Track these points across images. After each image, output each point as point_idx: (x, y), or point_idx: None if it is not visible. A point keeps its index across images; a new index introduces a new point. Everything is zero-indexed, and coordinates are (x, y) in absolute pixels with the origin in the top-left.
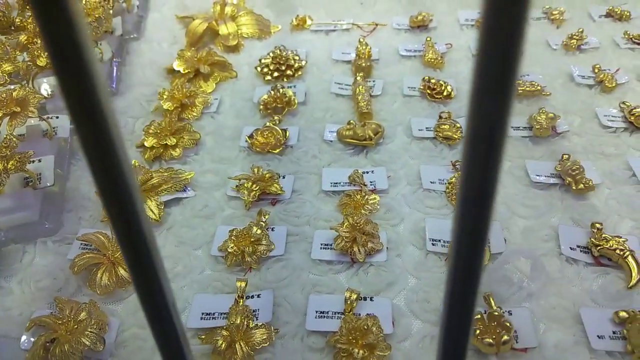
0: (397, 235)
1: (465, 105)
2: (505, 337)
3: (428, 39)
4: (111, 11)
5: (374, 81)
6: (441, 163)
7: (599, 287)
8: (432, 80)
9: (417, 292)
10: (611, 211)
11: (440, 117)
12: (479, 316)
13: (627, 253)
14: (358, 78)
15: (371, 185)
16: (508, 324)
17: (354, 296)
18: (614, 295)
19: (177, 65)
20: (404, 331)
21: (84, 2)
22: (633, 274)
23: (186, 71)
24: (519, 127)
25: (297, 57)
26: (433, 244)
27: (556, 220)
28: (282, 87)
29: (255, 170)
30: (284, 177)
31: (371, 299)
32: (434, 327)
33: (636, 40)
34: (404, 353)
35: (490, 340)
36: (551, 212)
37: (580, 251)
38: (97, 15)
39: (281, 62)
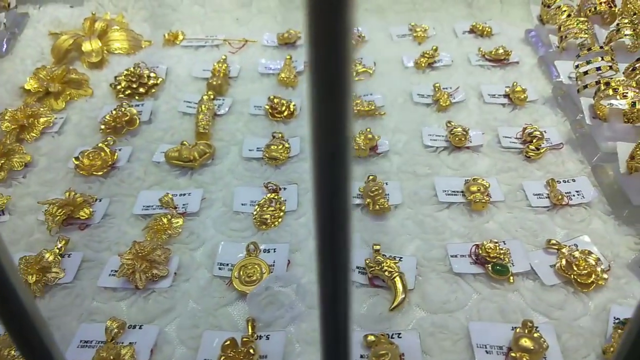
0: (192, 260)
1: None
2: None
3: (288, 57)
4: None
5: (223, 99)
6: (259, 184)
7: (367, 309)
8: (275, 100)
9: (192, 318)
10: (403, 232)
11: (273, 137)
12: (228, 342)
13: (396, 274)
14: (204, 97)
15: (182, 208)
16: (252, 350)
17: (115, 325)
18: (376, 317)
19: (27, 85)
20: (163, 359)
21: None
22: (397, 296)
23: (36, 90)
24: None
25: (153, 74)
26: (220, 268)
27: None
28: (129, 105)
29: (67, 194)
30: (100, 201)
31: (140, 327)
32: (194, 352)
33: (488, 57)
34: None
35: None
36: None
37: (359, 272)
38: None
39: (134, 79)
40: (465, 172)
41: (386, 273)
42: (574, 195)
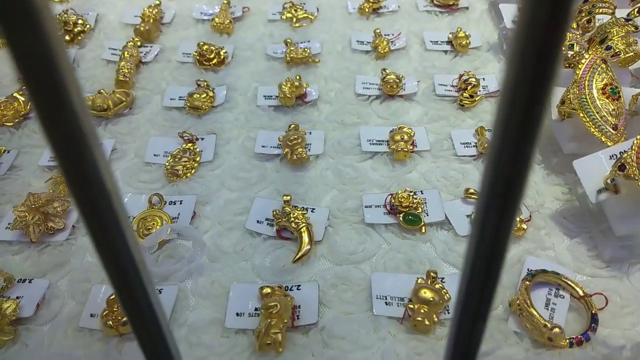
0: None
1: (244, 73)
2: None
3: (225, 1)
4: None
5: (150, 46)
6: (175, 134)
7: (270, 262)
8: (205, 47)
9: (85, 272)
10: (321, 182)
11: (198, 85)
12: (113, 297)
13: (303, 226)
14: (129, 43)
15: None
16: None
17: (1, 278)
18: (279, 269)
19: None
20: (49, 313)
21: None
22: (301, 248)
23: None
24: (270, 96)
25: (80, 21)
26: None
27: (263, 193)
28: None
29: None
30: (8, 152)
31: (30, 281)
32: (81, 307)
33: (436, 3)
34: (40, 334)
35: (111, 323)
36: (260, 184)
37: (268, 224)
38: None
39: (58, 26)
40: (395, 122)
41: (293, 224)
42: None
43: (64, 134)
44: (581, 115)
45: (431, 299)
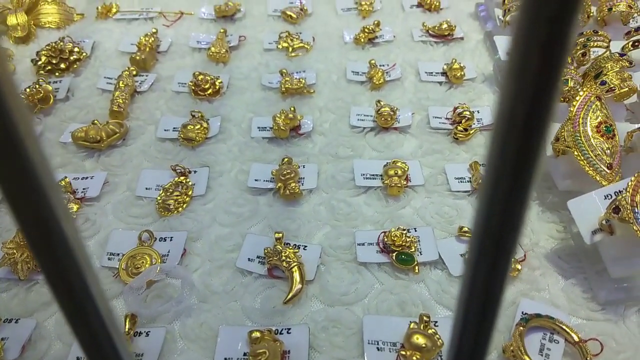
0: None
1: (239, 103)
2: None
3: (222, 30)
4: None
5: (146, 75)
6: (168, 167)
7: (261, 303)
8: (200, 77)
9: None
10: (314, 218)
11: (193, 117)
12: None
13: (294, 265)
14: (124, 73)
15: (82, 192)
16: None
17: None
18: (270, 311)
19: None
20: (35, 355)
21: None
22: (292, 288)
23: None
24: (265, 128)
25: (77, 49)
26: (109, 259)
27: (255, 229)
28: (45, 82)
29: None
30: None
31: (16, 322)
32: (68, 348)
33: (432, 33)
34: None
35: None
36: (252, 219)
37: (259, 262)
38: None
39: (54, 54)
40: (389, 155)
41: (284, 264)
42: None
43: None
44: (575, 153)
45: (424, 345)
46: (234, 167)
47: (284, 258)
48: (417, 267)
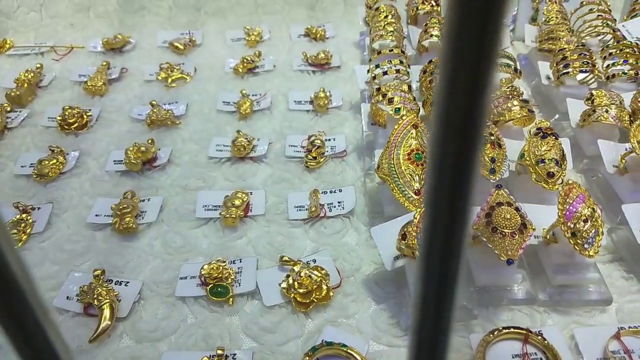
0: None
1: (104, 136)
2: None
3: (104, 63)
4: None
5: (19, 111)
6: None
7: (71, 341)
8: (67, 111)
9: None
10: (145, 252)
11: (52, 152)
12: None
13: (105, 302)
14: None
15: None
16: None
17: None
18: (75, 350)
19: None
20: None
21: None
22: (99, 326)
23: None
24: (120, 161)
25: None
26: None
27: (85, 266)
28: None
29: None
30: None
31: None
32: None
33: (311, 62)
34: None
35: None
36: (83, 256)
37: (77, 300)
38: None
39: None
40: (240, 185)
41: (96, 301)
42: (334, 207)
43: None
44: (389, 180)
45: None
46: (81, 203)
47: (95, 296)
48: (231, 299)
